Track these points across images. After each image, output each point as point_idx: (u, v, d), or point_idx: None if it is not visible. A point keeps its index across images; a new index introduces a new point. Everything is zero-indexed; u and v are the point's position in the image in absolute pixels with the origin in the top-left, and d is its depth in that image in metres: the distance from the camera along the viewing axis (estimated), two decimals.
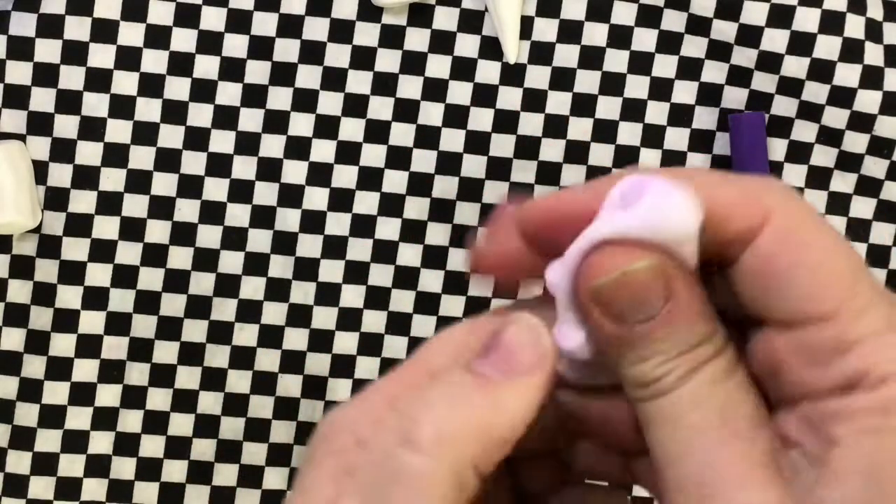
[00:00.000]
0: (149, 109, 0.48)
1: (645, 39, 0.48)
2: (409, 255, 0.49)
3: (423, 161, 0.49)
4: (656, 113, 0.49)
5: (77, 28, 0.47)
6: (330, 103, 0.48)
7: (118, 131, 0.48)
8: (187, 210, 0.48)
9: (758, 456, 0.22)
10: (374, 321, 0.49)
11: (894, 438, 0.21)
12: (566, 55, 0.48)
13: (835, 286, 0.22)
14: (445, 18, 0.48)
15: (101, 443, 0.49)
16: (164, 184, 0.48)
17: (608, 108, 0.48)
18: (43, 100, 0.47)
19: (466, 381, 0.23)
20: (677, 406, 0.23)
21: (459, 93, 0.48)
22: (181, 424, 0.49)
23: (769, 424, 0.23)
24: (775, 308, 0.23)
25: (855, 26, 0.47)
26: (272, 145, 0.48)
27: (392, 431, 0.23)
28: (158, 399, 0.49)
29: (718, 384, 0.23)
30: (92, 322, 0.48)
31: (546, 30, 0.48)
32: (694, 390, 0.23)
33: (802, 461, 0.22)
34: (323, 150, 0.48)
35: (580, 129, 0.48)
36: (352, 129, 0.48)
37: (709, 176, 0.24)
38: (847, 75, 0.47)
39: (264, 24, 0.48)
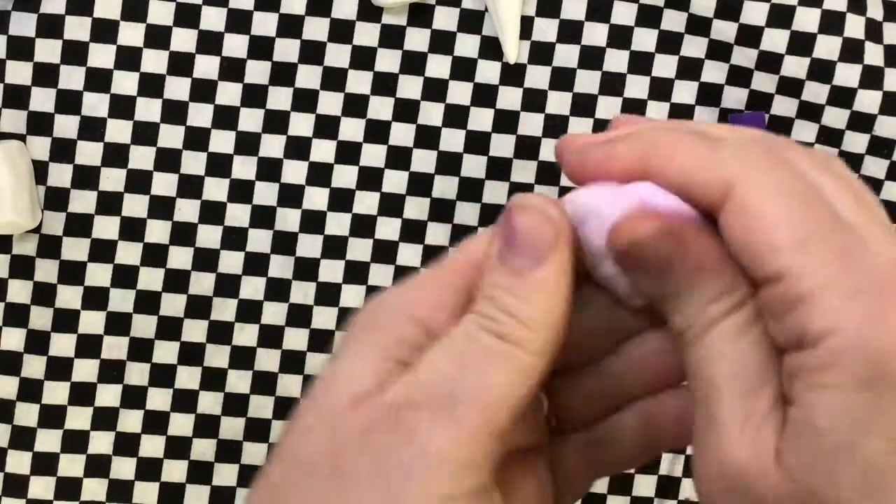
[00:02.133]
0: (149, 109, 0.48)
1: (645, 39, 0.48)
2: (409, 255, 0.49)
3: (423, 161, 0.49)
4: (656, 113, 0.49)
5: (77, 28, 0.47)
6: (330, 103, 0.48)
7: (118, 131, 0.48)
8: (187, 210, 0.48)
9: (751, 415, 0.24)
10: None
11: (832, 395, 0.23)
12: (566, 55, 0.48)
13: (776, 250, 0.24)
14: (445, 18, 0.48)
15: (101, 443, 0.49)
16: (164, 184, 0.48)
17: (608, 108, 0.48)
18: (43, 100, 0.47)
19: (510, 282, 0.26)
20: (697, 358, 0.25)
21: (459, 93, 0.48)
22: (181, 424, 0.49)
23: (773, 380, 0.24)
24: (745, 270, 0.25)
25: (855, 26, 0.47)
26: (272, 145, 0.48)
27: (481, 317, 0.25)
28: (158, 399, 0.49)
29: (733, 340, 0.25)
30: (92, 322, 0.48)
31: (546, 30, 0.48)
32: (711, 345, 0.25)
33: (786, 427, 0.24)
34: (323, 150, 0.48)
35: (580, 129, 0.48)
36: (352, 129, 0.48)
37: (687, 151, 0.26)
38: (847, 75, 0.47)
39: (264, 24, 0.48)
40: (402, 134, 0.48)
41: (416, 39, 0.48)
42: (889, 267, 0.24)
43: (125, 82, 0.48)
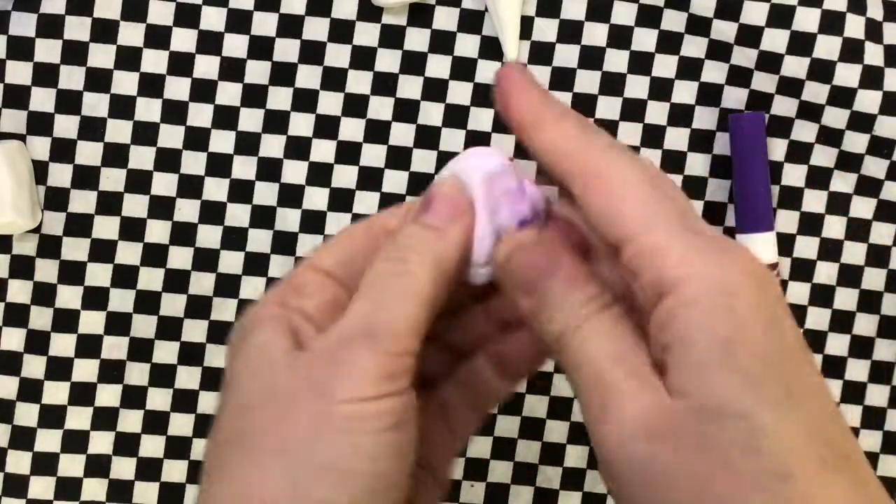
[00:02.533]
0: (149, 109, 0.48)
1: (645, 39, 0.48)
2: None
3: (423, 161, 0.49)
4: (656, 113, 0.49)
5: (77, 28, 0.47)
6: (330, 103, 0.48)
7: (118, 131, 0.48)
8: (187, 210, 0.48)
9: (636, 375, 0.28)
10: None
11: (697, 315, 0.27)
12: (566, 55, 0.48)
13: (627, 218, 0.29)
14: (445, 18, 0.48)
15: (101, 443, 0.49)
16: (164, 184, 0.48)
17: (608, 108, 0.48)
18: (43, 100, 0.47)
19: (420, 232, 0.32)
20: (576, 349, 0.29)
21: (459, 93, 0.48)
22: (181, 424, 0.49)
23: (647, 355, 0.29)
24: (604, 238, 0.30)
25: (855, 26, 0.47)
26: (272, 145, 0.48)
27: (389, 261, 0.31)
28: (158, 399, 0.49)
29: (609, 328, 0.29)
30: (92, 322, 0.48)
31: (546, 30, 0.48)
32: (589, 333, 0.29)
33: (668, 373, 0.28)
34: (323, 150, 0.48)
35: None
36: (352, 129, 0.48)
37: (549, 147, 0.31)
38: (847, 75, 0.47)
39: (264, 24, 0.48)
40: (402, 134, 0.48)
41: (416, 39, 0.48)
42: (717, 234, 0.29)
43: (125, 82, 0.48)
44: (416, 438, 0.31)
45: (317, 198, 0.49)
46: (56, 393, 0.49)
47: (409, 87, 0.48)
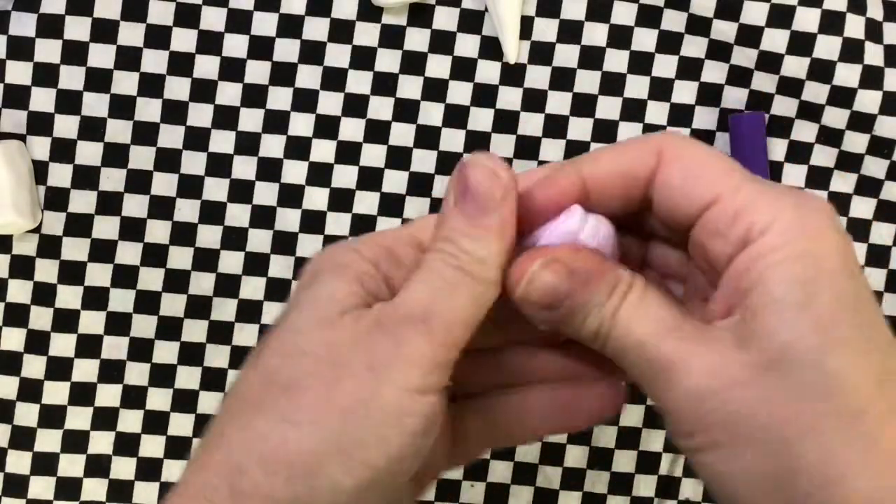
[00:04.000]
0: (149, 109, 0.48)
1: (645, 39, 0.48)
2: None
3: (423, 161, 0.49)
4: (656, 113, 0.49)
5: (77, 28, 0.47)
6: (330, 103, 0.48)
7: (118, 131, 0.48)
8: (187, 210, 0.48)
9: (689, 338, 0.29)
10: None
11: (783, 268, 0.29)
12: (566, 55, 0.48)
13: (711, 180, 0.30)
14: (445, 18, 0.48)
15: (101, 443, 0.49)
16: (164, 184, 0.48)
17: (608, 108, 0.48)
18: (43, 100, 0.47)
19: (466, 228, 0.31)
20: (619, 335, 0.30)
21: (459, 93, 0.48)
22: (181, 424, 0.49)
23: (692, 316, 0.30)
24: (683, 210, 0.31)
25: (855, 26, 0.47)
26: (272, 145, 0.48)
27: (442, 254, 0.31)
28: (158, 399, 0.49)
29: (640, 308, 0.30)
30: (92, 322, 0.48)
31: (546, 30, 0.48)
32: (625, 317, 0.30)
33: (739, 319, 0.29)
34: (323, 150, 0.48)
35: (580, 129, 0.49)
36: (352, 129, 0.48)
37: (614, 151, 0.32)
38: (847, 75, 0.47)
39: (264, 24, 0.48)
40: (402, 134, 0.48)
41: (416, 39, 0.48)
42: (792, 187, 0.31)
43: (125, 82, 0.48)
44: (430, 447, 0.31)
45: (317, 198, 0.49)
46: (56, 393, 0.49)
47: (409, 87, 0.48)
